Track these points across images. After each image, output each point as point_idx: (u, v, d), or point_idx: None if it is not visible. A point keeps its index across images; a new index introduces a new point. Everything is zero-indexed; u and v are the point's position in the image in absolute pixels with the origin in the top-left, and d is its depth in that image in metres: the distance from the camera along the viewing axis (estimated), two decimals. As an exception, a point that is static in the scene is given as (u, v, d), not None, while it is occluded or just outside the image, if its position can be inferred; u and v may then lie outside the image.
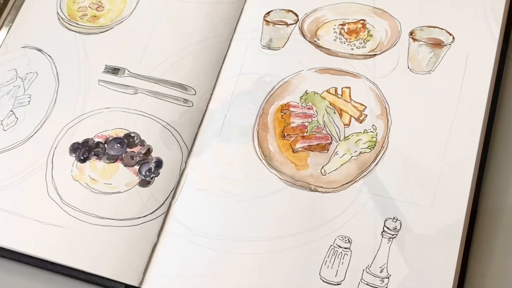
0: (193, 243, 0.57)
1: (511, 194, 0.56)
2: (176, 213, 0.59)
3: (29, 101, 0.66)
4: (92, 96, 0.64)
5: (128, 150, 0.59)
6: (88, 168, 0.59)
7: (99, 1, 0.69)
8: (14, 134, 0.64)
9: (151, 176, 0.58)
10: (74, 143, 0.61)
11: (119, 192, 0.58)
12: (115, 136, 0.60)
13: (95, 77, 0.65)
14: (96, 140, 0.60)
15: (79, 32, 0.69)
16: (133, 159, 0.59)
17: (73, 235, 0.58)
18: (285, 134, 0.61)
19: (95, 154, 0.60)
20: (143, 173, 0.59)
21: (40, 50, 0.69)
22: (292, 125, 0.61)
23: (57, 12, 0.71)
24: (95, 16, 0.68)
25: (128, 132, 0.60)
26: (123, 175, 0.59)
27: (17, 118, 0.65)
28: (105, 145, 0.59)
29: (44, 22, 0.71)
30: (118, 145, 0.59)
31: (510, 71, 0.59)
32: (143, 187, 0.58)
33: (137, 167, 0.59)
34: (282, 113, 0.62)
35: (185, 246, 0.58)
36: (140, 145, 0.59)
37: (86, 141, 0.60)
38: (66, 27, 0.70)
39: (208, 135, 0.62)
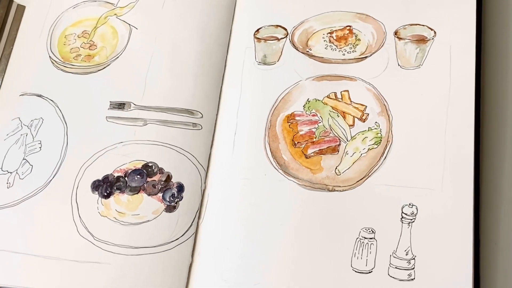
0: (227, 256, 0.63)
1: (506, 165, 0.64)
2: (205, 231, 0.64)
3: (40, 147, 0.70)
4: (103, 133, 0.69)
5: (149, 179, 0.63)
6: (113, 202, 0.64)
7: (90, 40, 0.74)
8: (32, 182, 0.68)
9: (175, 200, 0.63)
10: (95, 181, 0.65)
11: (148, 220, 0.63)
12: (134, 168, 0.64)
13: (102, 114, 0.70)
14: (116, 174, 0.64)
15: (77, 73, 0.73)
16: (155, 188, 0.63)
17: (112, 268, 0.62)
18: (296, 142, 0.67)
19: (117, 189, 0.64)
20: (167, 199, 0.63)
21: (40, 96, 0.73)
22: (301, 132, 0.67)
23: (50, 56, 0.75)
24: (90, 55, 0.73)
25: (146, 162, 0.65)
26: (148, 204, 0.64)
27: (31, 166, 0.69)
28: (126, 178, 0.64)
29: (38, 67, 0.75)
30: (138, 176, 0.64)
31: (488, 55, 0.67)
32: (170, 212, 0.63)
33: (160, 195, 0.63)
34: (289, 123, 0.68)
35: (220, 261, 0.63)
36: (159, 173, 0.63)
37: (106, 177, 0.65)
38: (62, 70, 0.74)
39: (222, 154, 0.67)
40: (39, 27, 0.78)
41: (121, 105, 0.67)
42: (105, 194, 0.64)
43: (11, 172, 0.69)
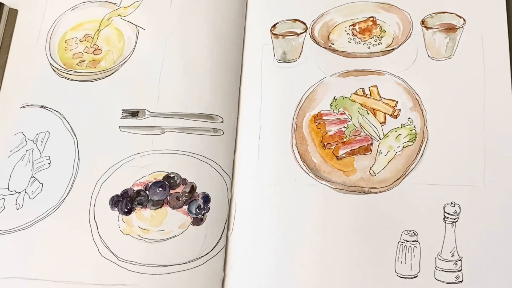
0: (262, 268, 0.61)
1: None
2: (235, 243, 0.61)
3: (49, 163, 0.66)
4: (117, 145, 0.65)
5: (172, 191, 0.61)
6: (136, 219, 0.61)
7: (94, 44, 0.70)
8: (43, 201, 0.65)
9: (202, 212, 0.60)
10: (113, 197, 0.62)
11: (175, 236, 0.60)
12: (155, 180, 0.61)
13: (115, 124, 0.66)
14: (136, 188, 0.61)
15: (82, 81, 0.69)
16: (179, 200, 0.60)
17: None
18: (325, 143, 0.65)
19: (138, 203, 0.61)
20: (194, 212, 0.61)
21: (44, 107, 0.69)
22: (330, 133, 0.65)
23: (50, 64, 0.71)
24: (95, 61, 0.69)
25: (167, 173, 0.62)
26: (173, 218, 0.61)
27: (41, 184, 0.65)
28: (147, 191, 0.61)
29: (38, 77, 0.71)
30: (160, 189, 0.61)
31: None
32: (197, 225, 0.60)
33: (185, 207, 0.61)
34: (316, 123, 0.65)
35: (255, 273, 0.61)
36: (182, 184, 0.61)
37: (125, 192, 0.61)
38: (66, 78, 0.70)
39: (247, 160, 0.64)
40: (35, 32, 0.73)
41: (134, 113, 0.64)
42: (126, 210, 0.60)
43: (19, 192, 0.65)
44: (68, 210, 0.64)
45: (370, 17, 0.66)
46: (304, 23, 0.67)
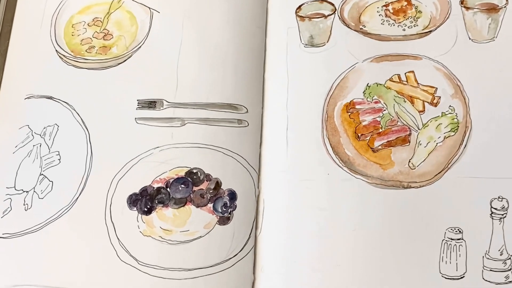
0: (295, 271, 0.56)
1: None
2: (265, 243, 0.57)
3: (59, 159, 0.61)
4: (133, 138, 0.61)
5: (195, 188, 0.57)
6: (157, 219, 0.56)
7: (104, 29, 0.64)
8: (54, 201, 0.60)
9: (229, 210, 0.56)
10: (131, 195, 0.58)
11: (200, 237, 0.56)
12: (176, 176, 0.57)
13: (130, 116, 0.62)
14: (156, 186, 0.57)
15: (92, 69, 0.64)
16: (204, 198, 0.56)
17: None
18: (359, 134, 0.60)
19: (159, 202, 0.56)
20: (220, 210, 0.56)
21: (51, 98, 0.64)
22: (364, 123, 0.61)
23: (56, 50, 0.66)
24: (105, 47, 0.64)
25: (189, 169, 0.58)
26: (198, 217, 0.57)
27: (51, 182, 0.60)
28: (168, 189, 0.57)
29: (44, 65, 0.66)
30: (183, 185, 0.56)
31: None
32: (224, 224, 0.56)
33: (210, 205, 0.57)
34: (349, 113, 0.61)
35: (288, 276, 0.57)
36: (206, 180, 0.57)
37: (144, 190, 0.57)
38: (74, 65, 0.65)
39: (274, 153, 0.60)
40: (38, 16, 0.68)
41: (151, 104, 0.60)
42: (146, 209, 0.56)
43: (27, 191, 0.60)
44: (81, 210, 0.59)
45: (404, -3, 0.62)
46: (333, 4, 0.63)
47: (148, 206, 0.56)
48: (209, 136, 0.60)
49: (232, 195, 0.57)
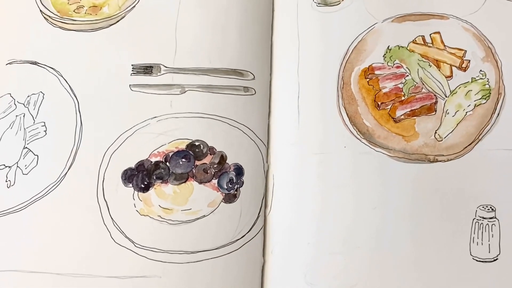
0: (309, 253, 0.51)
1: None
2: (276, 224, 0.53)
3: (45, 131, 0.55)
4: (128, 107, 0.55)
5: (198, 163, 0.52)
6: (155, 196, 0.51)
7: None
8: (40, 177, 0.54)
9: (235, 187, 0.51)
10: (126, 170, 0.52)
11: (204, 216, 0.51)
12: (176, 149, 0.52)
13: (124, 82, 0.56)
14: (154, 160, 0.52)
15: (81, 30, 0.57)
16: (207, 173, 0.51)
17: (164, 283, 0.49)
18: (379, 103, 0.55)
19: (158, 178, 0.51)
20: (225, 186, 0.51)
21: (35, 63, 0.58)
22: (384, 90, 0.55)
23: (41, 11, 0.59)
24: (95, 6, 0.58)
25: (191, 141, 0.52)
26: (201, 194, 0.51)
27: (36, 156, 0.54)
28: (167, 163, 0.51)
29: (27, 27, 0.60)
30: (183, 160, 0.51)
31: None
32: (230, 202, 0.51)
33: (215, 181, 0.51)
34: (368, 79, 0.56)
35: (300, 259, 0.52)
36: (210, 154, 0.52)
37: (141, 164, 0.52)
38: (61, 27, 0.58)
39: (285, 124, 0.55)
40: (20, -27, 0.61)
41: (147, 69, 0.54)
42: (143, 186, 0.51)
43: (10, 166, 0.55)
44: (70, 187, 0.53)
45: None
46: None
47: (146, 183, 0.51)
48: (212, 105, 0.54)
49: (239, 170, 0.52)
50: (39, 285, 0.50)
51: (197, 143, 0.52)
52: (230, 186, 0.51)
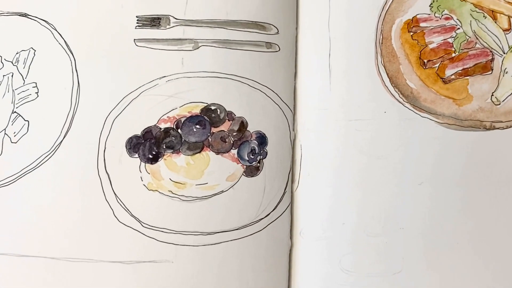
0: (344, 235, 0.45)
1: None
2: (305, 201, 0.47)
3: (37, 93, 0.49)
4: (132, 65, 0.48)
5: (214, 130, 0.45)
6: (165, 168, 0.45)
7: None
8: (31, 146, 0.48)
9: (257, 158, 0.45)
10: (131, 138, 0.46)
11: (222, 191, 0.44)
12: (189, 115, 0.45)
13: (128, 37, 0.49)
14: (163, 126, 0.45)
15: (78, -22, 0.50)
16: (225, 142, 0.45)
17: (176, 268, 0.43)
18: (425, 61, 0.48)
19: (168, 147, 0.45)
20: (246, 157, 0.45)
21: (25, 15, 0.51)
22: (431, 46, 0.49)
23: (31, -46, 0.51)
24: (93, -51, 0.50)
25: (206, 105, 0.45)
26: (219, 166, 0.44)
27: (27, 121, 0.48)
28: (179, 130, 0.45)
29: (15, -27, 0.51)
30: (198, 126, 0.45)
31: None
32: (252, 176, 0.45)
33: (234, 151, 0.45)
34: (411, 33, 0.49)
35: (334, 242, 0.45)
36: (228, 120, 0.45)
37: (148, 131, 0.45)
38: (54, -26, 0.50)
39: (314, 86, 0.48)
40: None
41: (155, 21, 0.48)
42: (151, 156, 0.44)
43: None
44: (66, 158, 0.46)
45: None
46: None
47: (154, 152, 0.44)
48: (230, 63, 0.47)
49: (261, 139, 0.45)
50: (30, 271, 0.43)
51: (213, 107, 0.46)
52: (252, 157, 0.45)
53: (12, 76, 0.49)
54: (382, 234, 0.44)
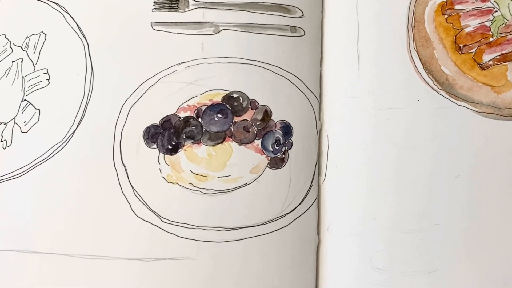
0: (376, 231, 0.42)
1: None
2: (332, 195, 0.44)
3: (48, 80, 0.46)
4: (149, 50, 0.46)
5: (237, 119, 0.43)
6: (185, 160, 0.43)
7: None
8: (42, 136, 0.45)
9: (282, 149, 0.43)
10: (149, 127, 0.43)
11: (246, 184, 0.42)
12: (211, 103, 0.43)
13: (144, 21, 0.46)
14: (183, 115, 0.44)
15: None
16: (248, 131, 0.43)
17: (198, 266, 0.40)
18: (461, 45, 0.45)
19: (188, 137, 0.43)
20: (270, 148, 0.43)
21: (35, -5, 0.47)
22: (467, 29, 0.46)
23: None
24: None
25: (228, 93, 0.42)
26: (242, 158, 0.42)
27: (37, 110, 0.45)
28: (199, 120, 0.42)
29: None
30: (219, 115, 0.43)
31: None
32: (277, 168, 0.43)
33: (258, 142, 0.42)
34: (446, 16, 0.47)
35: (365, 238, 0.43)
36: (251, 109, 0.44)
37: (167, 120, 0.43)
38: (65, -45, 0.48)
39: (341, 72, 0.46)
40: None
41: (173, 3, 0.45)
42: (170, 147, 0.42)
43: (5, 123, 0.45)
44: (80, 148, 0.44)
45: None
46: None
47: (174, 143, 0.42)
48: (253, 49, 0.45)
49: (287, 129, 0.43)
50: (42, 269, 0.40)
51: (235, 95, 0.43)
52: (277, 148, 0.43)
53: (21, 62, 0.46)
54: (416, 230, 0.42)
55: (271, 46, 0.45)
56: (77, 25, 0.47)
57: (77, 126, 0.44)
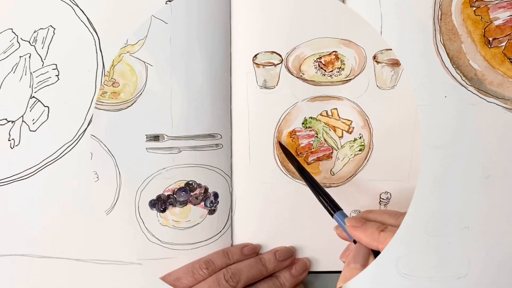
0: (402, 234, 0.44)
1: None
2: (238, 221, 0.58)
3: (57, 76, 0.45)
4: (147, 162, 0.55)
5: (192, 194, 0.67)
6: (169, 214, 0.63)
7: (111, 78, 0.54)
8: (52, 135, 0.45)
9: (214, 205, 0.66)
10: (151, 200, 0.59)
11: (198, 223, 0.59)
12: (179, 187, 0.65)
13: (143, 146, 0.54)
14: (166, 193, 0.64)
15: (108, 110, 0.51)
16: (198, 199, 0.68)
17: (179, 260, 0.55)
18: (490, 39, 0.45)
19: (170, 204, 0.67)
20: (208, 205, 0.66)
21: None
22: (496, 22, 0.45)
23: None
24: (115, 92, 0.56)
25: (187, 181, 0.63)
26: (195, 212, 0.60)
27: (46, 107, 0.45)
28: (174, 195, 0.66)
29: None
30: (184, 192, 0.67)
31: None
32: (212, 214, 0.62)
33: (202, 203, 0.66)
34: (474, 8, 0.46)
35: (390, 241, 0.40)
36: (199, 188, 0.67)
37: (159, 196, 0.64)
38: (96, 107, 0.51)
39: (241, 165, 0.57)
40: None
41: (156, 137, 0.64)
42: (162, 209, 0.65)
43: (13, 121, 0.45)
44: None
45: (333, 52, 0.57)
46: (280, 55, 0.58)
47: (163, 207, 0.66)
48: (198, 158, 0.59)
49: (216, 195, 0.67)
50: (52, 274, 0.39)
51: (190, 182, 0.65)
52: (211, 205, 0.65)
53: (29, 57, 0.45)
54: (444, 233, 0.42)
55: (207, 156, 0.55)
56: (87, 18, 0.45)
57: (88, 125, 0.45)
